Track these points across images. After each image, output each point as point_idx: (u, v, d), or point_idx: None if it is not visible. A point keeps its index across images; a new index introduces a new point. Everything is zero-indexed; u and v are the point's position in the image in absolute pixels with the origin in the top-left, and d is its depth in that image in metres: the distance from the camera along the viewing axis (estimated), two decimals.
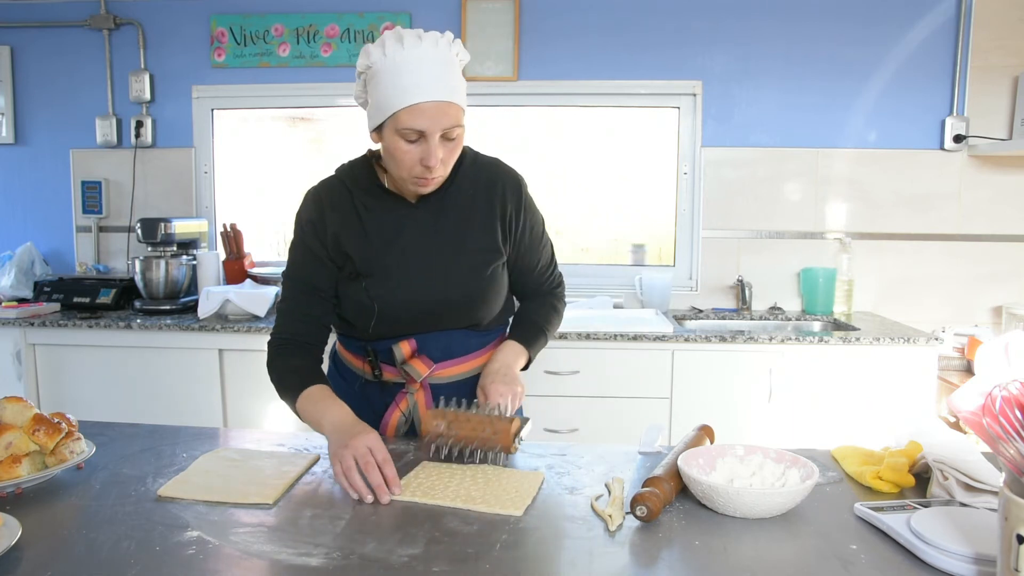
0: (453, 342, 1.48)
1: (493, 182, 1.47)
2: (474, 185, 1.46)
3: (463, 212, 1.44)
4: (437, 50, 1.28)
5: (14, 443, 1.18)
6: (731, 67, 3.13)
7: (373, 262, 1.42)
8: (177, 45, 3.30)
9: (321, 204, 1.45)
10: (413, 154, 1.31)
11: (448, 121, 1.29)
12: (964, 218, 3.11)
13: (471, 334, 1.50)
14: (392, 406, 1.49)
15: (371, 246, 1.42)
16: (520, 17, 3.13)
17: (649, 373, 2.65)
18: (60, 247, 3.43)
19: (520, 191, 1.49)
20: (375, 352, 1.47)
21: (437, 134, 1.28)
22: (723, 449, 1.21)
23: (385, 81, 1.29)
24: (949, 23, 3.03)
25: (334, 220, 1.43)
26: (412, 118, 1.27)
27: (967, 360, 2.85)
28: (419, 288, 1.42)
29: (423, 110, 1.27)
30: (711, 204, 3.18)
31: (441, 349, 1.47)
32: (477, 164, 1.48)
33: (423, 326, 1.45)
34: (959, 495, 1.09)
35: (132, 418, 1.65)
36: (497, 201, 1.46)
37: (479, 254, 1.45)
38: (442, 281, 1.43)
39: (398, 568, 0.93)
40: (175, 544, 0.99)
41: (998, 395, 0.82)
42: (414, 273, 1.42)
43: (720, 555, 0.97)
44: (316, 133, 3.48)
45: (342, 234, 1.42)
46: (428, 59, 1.27)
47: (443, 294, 1.43)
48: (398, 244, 1.42)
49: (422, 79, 1.26)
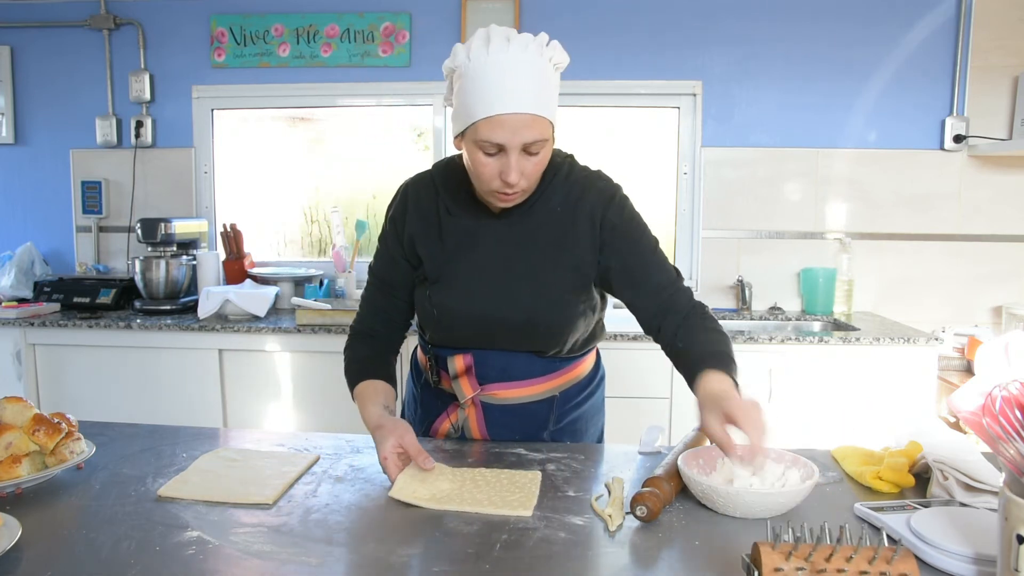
0: (513, 364, 1.40)
1: (582, 198, 1.35)
2: (564, 201, 1.35)
3: (546, 229, 1.34)
4: (526, 55, 1.19)
5: (14, 443, 1.18)
6: (731, 67, 3.13)
7: (441, 268, 1.37)
8: (177, 45, 3.30)
9: (407, 201, 1.42)
10: (492, 167, 1.22)
11: (530, 135, 1.20)
12: (964, 218, 3.11)
13: (535, 359, 1.40)
14: (443, 415, 1.47)
15: (443, 251, 1.37)
16: (520, 17, 3.13)
17: (649, 373, 2.65)
18: (60, 247, 3.43)
19: (612, 204, 1.36)
20: (436, 358, 1.45)
21: (517, 149, 1.20)
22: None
23: (467, 87, 1.20)
24: (949, 23, 3.03)
25: (414, 219, 1.39)
26: (491, 130, 1.19)
27: (967, 360, 2.85)
28: (481, 302, 1.35)
29: (502, 123, 1.18)
30: (711, 204, 3.18)
31: (499, 369, 1.40)
32: (571, 178, 1.38)
33: (482, 342, 1.39)
34: (959, 495, 1.09)
35: (132, 418, 1.65)
36: (585, 219, 1.34)
37: (559, 274, 1.34)
38: (507, 298, 1.34)
39: (398, 568, 0.93)
40: (175, 544, 0.99)
41: (998, 395, 0.82)
42: (479, 286, 1.35)
43: (720, 555, 0.97)
44: (316, 133, 3.48)
45: (417, 235, 1.39)
46: (513, 66, 1.18)
47: (504, 313, 1.35)
48: (470, 254, 1.36)
49: (504, 89, 1.18)
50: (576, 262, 1.35)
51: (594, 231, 1.35)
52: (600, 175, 1.43)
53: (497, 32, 1.21)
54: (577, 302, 1.37)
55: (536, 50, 1.21)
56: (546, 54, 1.23)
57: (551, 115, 1.24)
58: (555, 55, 1.25)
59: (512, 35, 1.21)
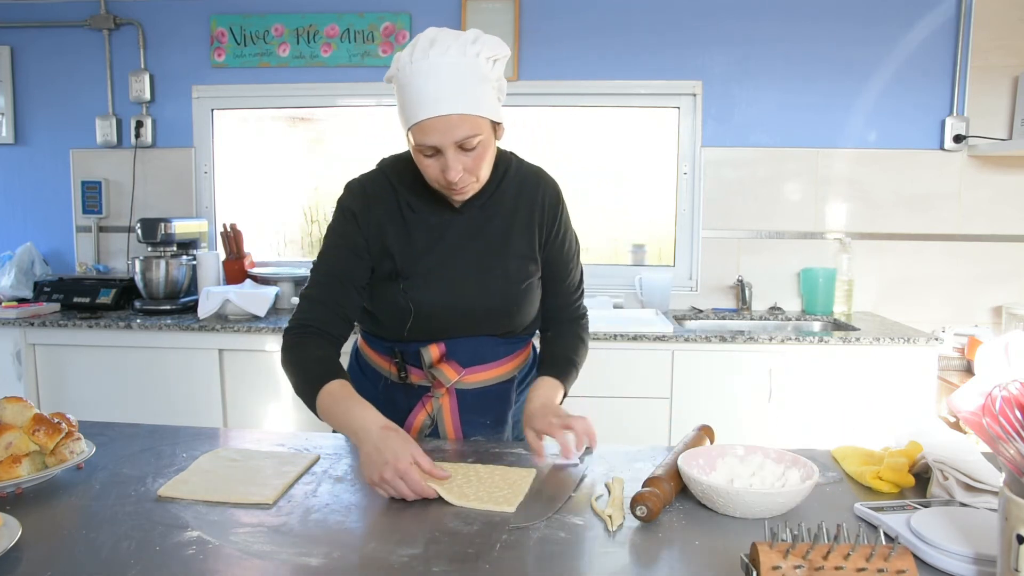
0: (483, 348, 1.45)
1: (535, 189, 1.46)
2: (517, 192, 1.45)
3: (505, 219, 1.43)
4: (446, 58, 1.23)
5: (14, 443, 1.18)
6: (731, 67, 3.13)
7: (413, 264, 1.40)
8: (177, 45, 3.30)
9: (367, 196, 1.42)
10: (434, 167, 1.29)
11: (460, 133, 1.24)
12: (964, 218, 3.11)
13: (500, 341, 1.48)
14: (418, 407, 1.47)
15: (413, 247, 1.40)
16: (520, 17, 3.13)
17: (649, 373, 2.65)
18: (60, 247, 3.43)
19: (559, 201, 1.49)
20: (402, 354, 1.45)
21: (452, 148, 1.25)
22: (723, 449, 1.21)
23: (400, 95, 1.27)
24: (949, 23, 3.03)
25: (378, 214, 1.40)
26: (423, 135, 1.25)
27: (967, 360, 2.85)
28: (458, 294, 1.41)
29: (431, 126, 1.24)
30: (711, 204, 3.18)
31: (470, 354, 1.44)
32: (521, 171, 1.47)
33: (457, 331, 1.43)
34: (959, 495, 1.09)
35: (132, 418, 1.65)
36: (537, 208, 1.45)
37: (519, 261, 1.44)
38: (481, 288, 1.41)
39: (398, 568, 0.93)
40: (175, 544, 0.99)
41: (998, 395, 0.82)
42: (453, 278, 1.40)
43: (720, 555, 0.97)
44: (316, 133, 3.48)
45: (386, 230, 1.40)
46: (435, 71, 1.23)
47: (482, 301, 1.42)
48: (440, 248, 1.41)
49: (427, 95, 1.23)
50: (532, 246, 1.46)
51: (543, 219, 1.46)
52: (543, 170, 1.52)
53: (424, 38, 1.26)
54: (536, 283, 1.48)
55: (459, 50, 1.24)
56: (472, 51, 1.25)
57: (481, 110, 1.26)
58: (485, 50, 1.27)
59: (438, 38, 1.25)
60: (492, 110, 1.29)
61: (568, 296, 1.55)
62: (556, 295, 1.53)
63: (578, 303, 1.58)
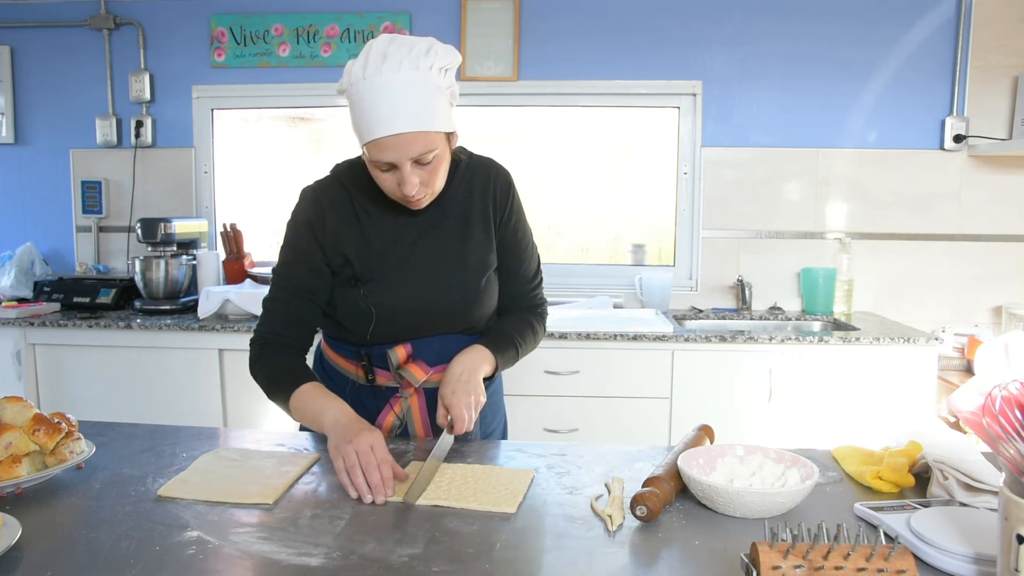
0: (447, 346, 1.45)
1: (486, 181, 1.46)
2: (469, 187, 1.45)
3: (461, 217, 1.44)
4: (398, 74, 1.21)
5: (14, 443, 1.18)
6: (731, 67, 3.13)
7: (373, 268, 1.40)
8: (177, 45, 3.30)
9: (321, 204, 1.42)
10: (390, 180, 1.29)
11: (416, 150, 1.24)
12: (964, 218, 3.11)
13: (462, 337, 1.47)
14: (386, 409, 1.47)
15: (371, 251, 1.40)
16: (520, 17, 3.13)
17: (649, 373, 2.65)
18: (60, 247, 3.43)
19: (510, 188, 1.48)
20: (369, 356, 1.45)
21: (407, 163, 1.25)
22: (723, 449, 1.21)
23: (353, 111, 1.26)
24: (949, 23, 3.03)
25: (334, 222, 1.41)
26: (378, 152, 1.25)
27: (967, 360, 2.85)
28: (419, 295, 1.41)
29: (385, 144, 1.23)
30: (711, 204, 3.18)
31: (436, 353, 1.45)
32: (471, 166, 1.47)
33: (420, 331, 1.44)
34: (959, 495, 1.09)
35: (132, 418, 1.65)
36: (490, 199, 1.45)
37: (477, 258, 1.44)
38: (442, 287, 1.42)
39: (398, 568, 0.93)
40: (175, 544, 0.99)
41: (998, 395, 0.82)
42: (414, 280, 1.41)
43: (720, 555, 0.97)
44: (316, 133, 3.48)
45: (343, 236, 1.40)
46: (387, 88, 1.21)
47: (443, 301, 1.42)
48: (398, 250, 1.41)
49: (381, 112, 1.21)
50: (486, 239, 1.45)
51: (496, 208, 1.46)
52: (493, 160, 1.50)
53: (376, 51, 1.23)
54: (494, 276, 1.48)
55: (411, 65, 1.22)
56: (424, 64, 1.23)
57: (435, 126, 1.25)
58: (437, 60, 1.25)
59: (390, 51, 1.22)
60: (446, 122, 1.28)
61: (524, 284, 1.53)
62: (512, 283, 1.52)
63: (534, 293, 1.56)
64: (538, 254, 1.57)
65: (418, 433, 1.48)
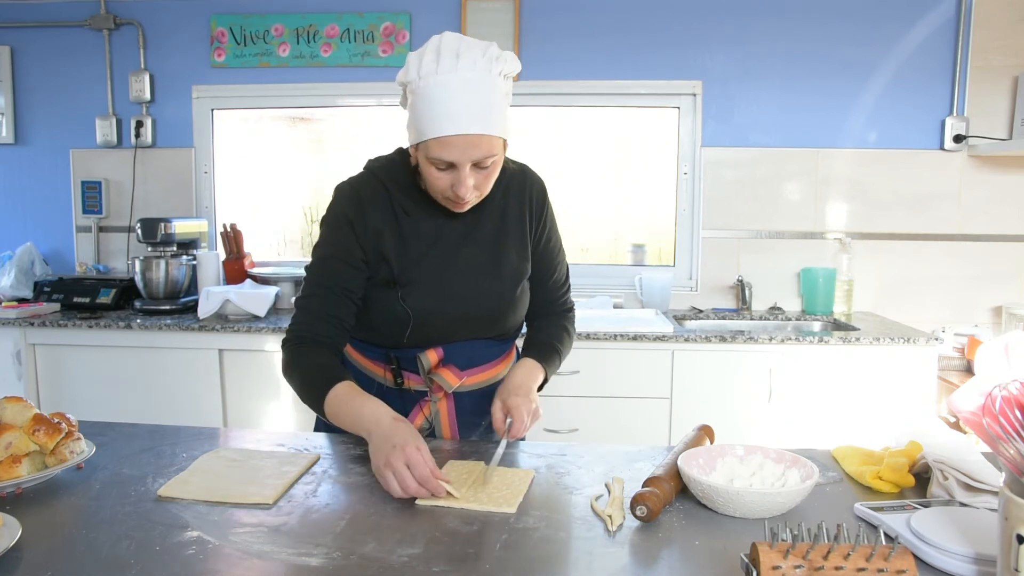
0: (477, 351, 1.45)
1: (522, 189, 1.46)
2: (506, 194, 1.44)
3: (498, 223, 1.43)
4: (474, 73, 1.21)
5: (14, 443, 1.18)
6: (731, 67, 3.13)
7: (411, 270, 1.38)
8: (177, 45, 3.30)
9: (361, 201, 1.38)
10: (444, 180, 1.27)
11: (479, 153, 1.24)
12: (964, 218, 3.11)
13: (493, 343, 1.47)
14: (415, 410, 1.46)
15: (409, 252, 1.38)
16: (520, 17, 3.13)
17: (649, 373, 2.65)
18: (60, 247, 3.43)
19: (545, 197, 1.49)
20: (398, 359, 1.43)
21: (468, 165, 1.24)
22: (723, 449, 1.21)
23: (417, 105, 1.23)
24: (949, 23, 3.03)
25: (376, 219, 1.37)
26: (441, 150, 1.23)
27: (967, 360, 2.85)
28: (456, 299, 1.39)
29: (452, 143, 1.22)
30: (711, 204, 3.18)
31: (466, 358, 1.43)
32: (508, 171, 1.45)
33: (455, 336, 1.42)
34: (959, 495, 1.09)
35: (132, 418, 1.65)
36: (526, 204, 1.45)
37: (514, 265, 1.44)
38: (479, 294, 1.41)
39: (398, 568, 0.93)
40: (175, 544, 0.99)
41: (998, 395, 0.82)
42: (451, 284, 1.39)
43: (720, 555, 0.97)
44: (316, 133, 3.48)
45: (383, 235, 1.37)
46: (462, 86, 1.20)
47: (479, 307, 1.41)
48: (436, 253, 1.39)
49: (452, 110, 1.20)
50: (522, 245, 1.46)
51: (532, 218, 1.46)
52: (528, 167, 1.51)
53: (448, 47, 1.22)
54: (527, 283, 1.49)
55: (485, 67, 1.22)
56: (495, 68, 1.24)
57: (500, 131, 1.26)
58: (505, 67, 1.26)
59: (462, 50, 1.22)
60: (505, 129, 1.28)
61: (555, 291, 1.55)
62: (543, 290, 1.53)
63: (564, 297, 1.58)
64: (566, 258, 1.58)
65: (444, 435, 1.47)
